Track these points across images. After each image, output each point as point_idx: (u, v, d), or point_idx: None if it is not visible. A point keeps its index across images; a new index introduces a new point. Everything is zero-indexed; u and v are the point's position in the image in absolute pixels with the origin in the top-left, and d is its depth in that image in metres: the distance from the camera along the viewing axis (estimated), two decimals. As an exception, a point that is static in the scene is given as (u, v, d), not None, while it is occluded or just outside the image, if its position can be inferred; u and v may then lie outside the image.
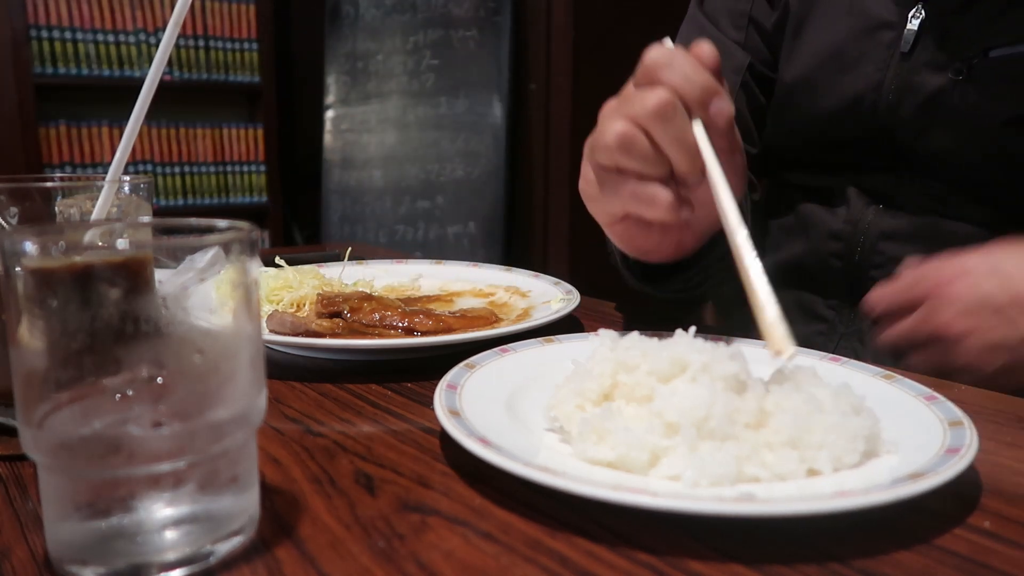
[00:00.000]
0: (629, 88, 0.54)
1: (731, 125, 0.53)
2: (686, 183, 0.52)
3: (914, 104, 0.73)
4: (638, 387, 0.44)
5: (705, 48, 0.52)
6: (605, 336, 0.49)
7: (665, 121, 0.50)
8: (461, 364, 0.52)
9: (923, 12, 0.72)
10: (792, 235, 0.85)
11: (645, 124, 0.51)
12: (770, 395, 0.42)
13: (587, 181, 0.60)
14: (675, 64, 0.51)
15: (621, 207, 0.56)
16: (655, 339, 0.47)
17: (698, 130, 0.51)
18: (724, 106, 0.51)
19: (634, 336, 0.48)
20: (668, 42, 0.54)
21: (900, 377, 0.50)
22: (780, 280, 0.68)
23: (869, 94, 0.75)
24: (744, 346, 0.51)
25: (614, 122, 0.52)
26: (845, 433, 0.40)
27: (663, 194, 0.52)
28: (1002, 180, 0.72)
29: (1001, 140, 0.70)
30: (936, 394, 0.46)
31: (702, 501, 0.34)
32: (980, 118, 0.70)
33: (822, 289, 0.81)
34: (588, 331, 0.61)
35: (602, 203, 0.58)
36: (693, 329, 0.48)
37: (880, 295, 0.61)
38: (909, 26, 0.73)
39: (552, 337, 0.59)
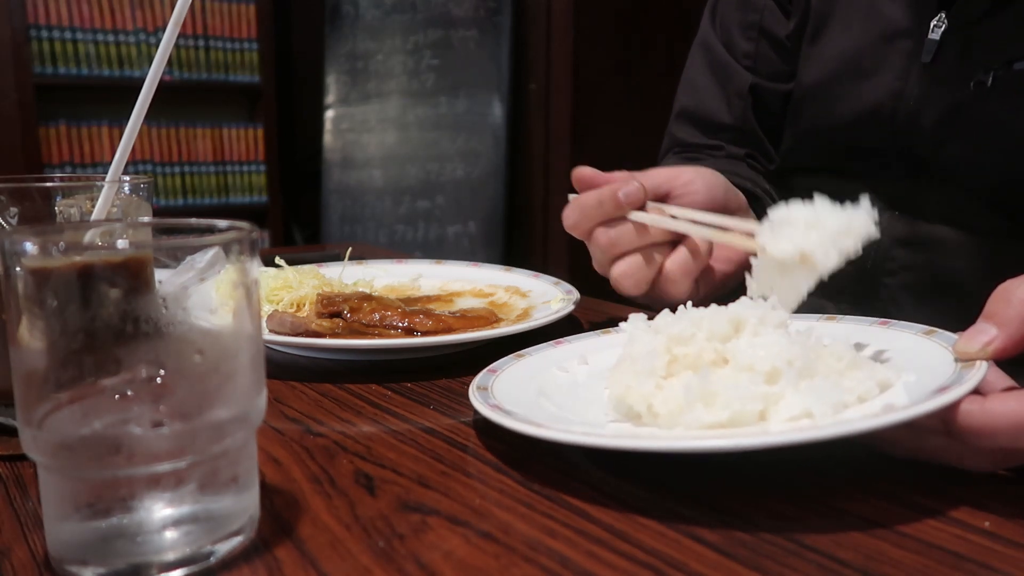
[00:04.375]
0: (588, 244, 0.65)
1: (641, 190, 0.62)
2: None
3: (935, 115, 0.71)
4: (703, 353, 0.44)
5: (582, 172, 0.64)
6: (636, 319, 0.50)
7: (618, 241, 0.62)
8: (484, 370, 0.52)
9: (945, 21, 0.70)
10: None
11: (616, 252, 0.62)
12: (812, 332, 0.45)
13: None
14: (580, 210, 0.63)
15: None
16: (684, 312, 0.48)
17: (634, 216, 0.61)
18: (629, 190, 0.61)
19: (665, 314, 0.49)
20: (572, 196, 0.65)
21: (895, 321, 0.52)
22: None
23: (888, 103, 0.74)
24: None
25: (610, 272, 0.63)
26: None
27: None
28: (1021, 198, 0.69)
29: (1020, 166, 0.68)
30: (934, 328, 0.48)
31: (860, 421, 0.36)
32: (1002, 131, 0.68)
33: (833, 294, 0.80)
34: (588, 331, 0.61)
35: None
36: (689, 304, 0.49)
37: (987, 343, 0.41)
38: (931, 35, 0.71)
39: (567, 338, 0.59)
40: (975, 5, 0.68)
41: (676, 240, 0.63)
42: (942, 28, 0.70)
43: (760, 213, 0.73)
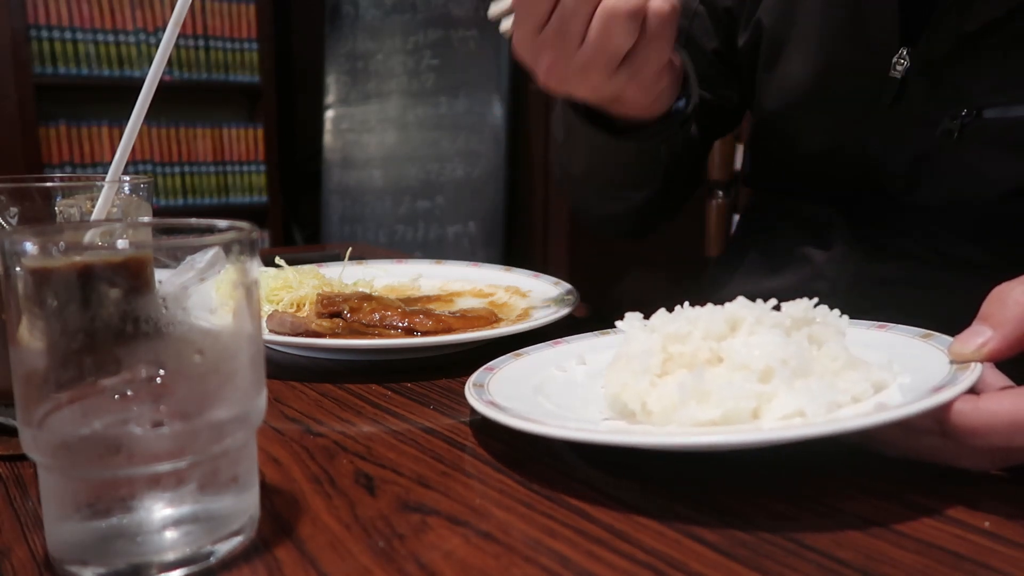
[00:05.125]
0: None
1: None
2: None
3: (903, 160, 0.66)
4: (699, 352, 0.44)
5: None
6: (631, 318, 0.50)
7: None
8: (481, 368, 0.52)
9: (907, 59, 0.64)
10: (775, 269, 0.79)
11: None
12: (808, 333, 0.45)
13: (554, 67, 0.60)
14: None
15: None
16: (681, 311, 0.48)
17: None
18: None
19: (660, 313, 0.48)
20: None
21: (892, 325, 0.52)
22: None
23: (851, 144, 0.69)
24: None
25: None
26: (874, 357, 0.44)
27: None
28: (1003, 231, 0.65)
29: (1000, 206, 0.64)
30: (931, 332, 0.48)
31: (852, 419, 0.36)
32: (977, 180, 0.64)
33: None
34: (588, 330, 0.61)
35: (579, 71, 0.59)
36: (687, 303, 0.49)
37: (982, 345, 0.41)
38: (892, 73, 0.65)
39: (565, 339, 0.59)
40: (939, 44, 0.62)
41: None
42: (904, 65, 0.64)
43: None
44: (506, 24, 0.61)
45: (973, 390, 0.38)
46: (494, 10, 0.62)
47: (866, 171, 0.69)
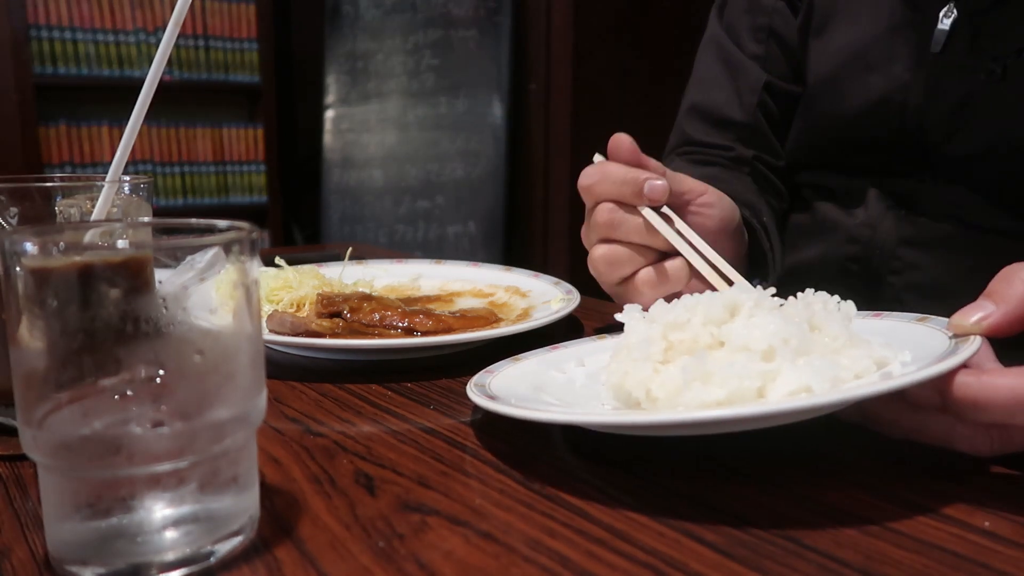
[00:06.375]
0: (588, 209, 0.64)
1: (666, 192, 0.61)
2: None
3: (945, 106, 0.71)
4: (699, 337, 0.44)
5: (622, 141, 0.62)
6: (631, 310, 0.50)
7: (618, 226, 0.61)
8: (482, 371, 0.52)
9: (955, 11, 0.69)
10: (808, 237, 0.83)
11: (610, 236, 0.62)
12: (808, 318, 0.45)
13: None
14: (602, 177, 0.61)
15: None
16: (679, 300, 0.48)
17: (646, 213, 0.61)
18: (656, 185, 0.60)
19: (659, 304, 0.49)
20: (598, 157, 0.65)
21: (888, 312, 0.52)
22: (794, 282, 0.69)
23: (896, 95, 0.73)
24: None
25: (593, 249, 0.63)
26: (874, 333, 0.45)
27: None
28: None
29: None
30: (927, 316, 0.49)
31: (858, 387, 0.37)
32: (1013, 121, 0.68)
33: (838, 293, 0.79)
34: (588, 331, 0.61)
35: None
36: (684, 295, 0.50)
37: (982, 318, 0.42)
38: (940, 25, 0.70)
39: (564, 343, 0.59)
40: None
41: (665, 252, 0.62)
42: (951, 18, 0.69)
43: (754, 249, 0.75)
44: None
45: (969, 368, 0.39)
46: None
47: (906, 124, 0.73)
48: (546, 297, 0.75)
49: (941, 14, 0.70)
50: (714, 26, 0.90)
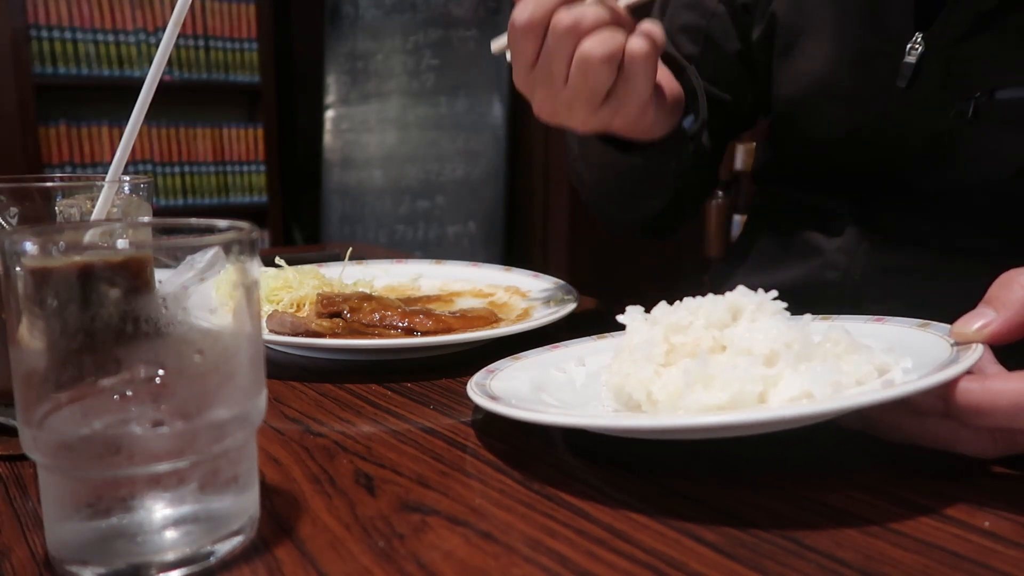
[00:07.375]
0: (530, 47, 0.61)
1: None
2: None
3: (918, 143, 0.68)
4: (701, 341, 0.44)
5: None
6: (632, 311, 0.50)
7: (584, 18, 0.57)
8: (482, 370, 0.52)
9: (922, 44, 0.65)
10: (788, 257, 0.80)
11: (579, 30, 0.57)
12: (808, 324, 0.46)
13: (544, 102, 0.63)
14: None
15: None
16: (681, 303, 0.48)
17: None
18: None
19: (661, 305, 0.49)
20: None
21: (890, 318, 0.52)
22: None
23: (866, 129, 0.70)
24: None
25: (579, 51, 0.58)
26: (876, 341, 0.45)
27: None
28: (1016, 216, 0.65)
29: (1013, 188, 0.64)
30: (928, 321, 0.49)
31: (859, 395, 0.37)
32: (990, 160, 0.65)
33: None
34: (588, 331, 0.61)
35: (574, 106, 0.61)
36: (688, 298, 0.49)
37: (983, 326, 0.42)
38: (907, 58, 0.66)
39: (564, 342, 0.59)
40: (954, 26, 0.64)
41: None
42: (919, 51, 0.65)
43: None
44: (509, 57, 0.64)
45: (972, 374, 0.39)
46: (495, 46, 0.65)
47: (881, 156, 0.70)
48: (546, 297, 0.75)
49: (908, 46, 0.66)
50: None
